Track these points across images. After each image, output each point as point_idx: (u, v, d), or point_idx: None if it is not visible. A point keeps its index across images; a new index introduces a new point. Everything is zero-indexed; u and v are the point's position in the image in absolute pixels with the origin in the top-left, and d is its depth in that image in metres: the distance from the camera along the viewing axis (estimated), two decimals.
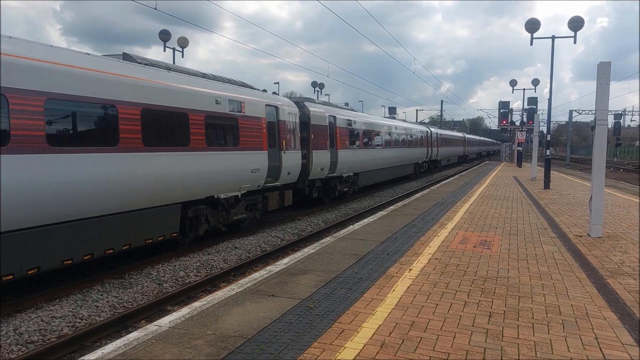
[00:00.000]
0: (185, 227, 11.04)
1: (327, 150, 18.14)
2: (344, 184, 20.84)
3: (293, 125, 15.61)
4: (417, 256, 8.03)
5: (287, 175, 15.04)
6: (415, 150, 33.62)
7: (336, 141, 19.11)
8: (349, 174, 20.82)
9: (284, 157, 14.70)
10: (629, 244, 9.12)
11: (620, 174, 40.87)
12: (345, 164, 19.97)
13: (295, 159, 15.53)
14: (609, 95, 9.70)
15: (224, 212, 12.23)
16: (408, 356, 4.27)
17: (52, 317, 7.26)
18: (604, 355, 4.33)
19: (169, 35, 25.41)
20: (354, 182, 21.89)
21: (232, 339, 4.62)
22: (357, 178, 22.06)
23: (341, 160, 19.38)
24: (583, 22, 20.40)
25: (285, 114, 15.04)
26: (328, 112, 18.94)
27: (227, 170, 11.87)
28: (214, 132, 11.62)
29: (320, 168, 17.56)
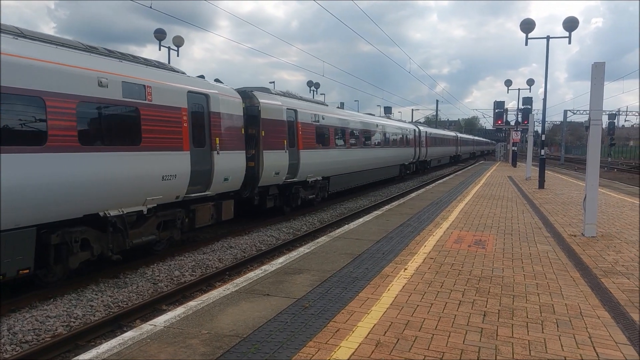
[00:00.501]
0: (49, 258, 8.12)
1: (284, 150, 15.18)
2: (310, 190, 17.78)
3: (233, 119, 12.59)
4: (412, 255, 8.05)
5: (224, 182, 12.06)
6: (400, 150, 30.77)
7: (298, 140, 16.17)
8: (316, 178, 17.82)
9: (218, 159, 11.67)
10: (623, 244, 9.17)
11: (614, 173, 41.11)
12: (310, 167, 17.12)
13: (236, 162, 12.55)
14: (604, 95, 9.75)
15: (118, 235, 9.17)
16: (403, 355, 4.29)
17: (46, 316, 7.24)
18: (597, 354, 4.36)
19: (164, 34, 25.33)
20: (324, 187, 19.01)
21: (228, 338, 4.62)
22: (327, 183, 19.25)
23: (304, 162, 16.52)
24: (578, 23, 20.48)
25: (220, 104, 11.97)
26: (287, 105, 15.92)
27: (119, 178, 8.83)
28: (94, 125, 8.67)
29: (275, 172, 14.70)
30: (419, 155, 36.10)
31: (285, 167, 15.35)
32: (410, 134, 33.61)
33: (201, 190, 11.34)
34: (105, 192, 8.64)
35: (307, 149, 16.83)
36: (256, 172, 13.96)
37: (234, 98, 12.93)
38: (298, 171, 16.21)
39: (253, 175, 13.86)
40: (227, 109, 12.34)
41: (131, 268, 9.84)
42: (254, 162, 13.90)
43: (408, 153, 32.82)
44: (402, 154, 31.21)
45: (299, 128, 16.40)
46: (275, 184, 15.18)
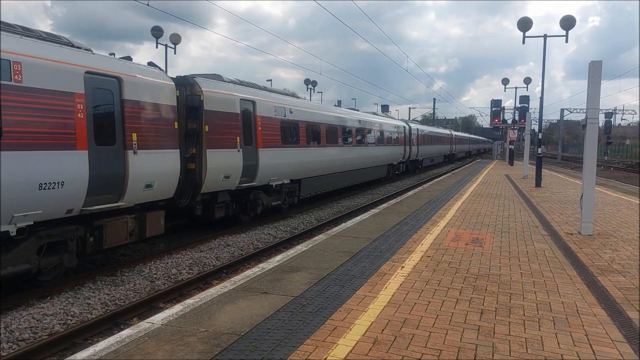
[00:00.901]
0: None
1: (237, 149, 12.68)
2: (275, 195, 15.36)
3: (162, 110, 10.21)
4: (410, 254, 8.06)
5: (146, 190, 9.66)
6: (388, 149, 28.27)
7: (257, 136, 13.70)
8: (282, 181, 15.34)
9: (135, 160, 9.26)
10: (619, 242, 9.20)
11: (611, 172, 41.22)
12: (274, 169, 14.63)
13: (165, 163, 10.12)
14: (600, 94, 9.78)
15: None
16: (400, 353, 4.29)
17: (43, 314, 7.23)
18: (594, 351, 4.38)
19: (161, 31, 25.34)
20: (293, 192, 16.61)
21: (225, 336, 4.62)
22: (298, 187, 16.86)
23: (265, 163, 13.99)
24: (575, 21, 20.53)
25: (140, 91, 9.58)
26: (242, 95, 13.43)
27: None
28: None
29: (224, 175, 12.21)
30: (410, 155, 33.82)
31: (239, 169, 12.77)
32: (400, 131, 31.40)
33: (110, 200, 8.92)
34: None
35: (269, 148, 14.34)
36: (198, 176, 11.43)
37: (163, 83, 10.42)
38: (256, 174, 13.69)
39: (194, 180, 11.43)
40: (152, 97, 9.91)
41: (128, 266, 9.83)
42: (195, 163, 11.39)
43: (397, 152, 30.55)
44: (390, 152, 28.98)
45: (259, 123, 13.85)
46: (226, 189, 12.68)
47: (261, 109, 14.11)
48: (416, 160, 36.73)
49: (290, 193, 16.40)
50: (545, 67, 21.71)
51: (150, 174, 9.71)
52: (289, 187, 16.03)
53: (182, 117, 11.16)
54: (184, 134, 11.26)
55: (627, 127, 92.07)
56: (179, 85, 11.19)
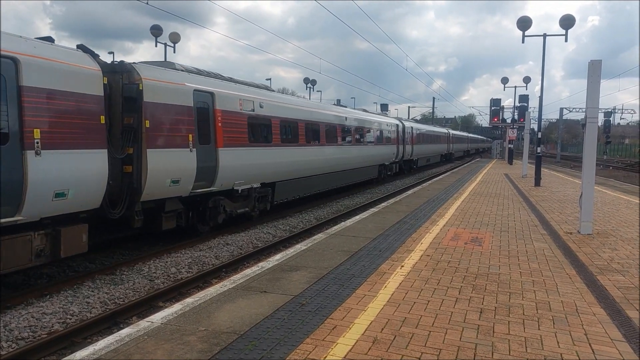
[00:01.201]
0: None
1: (188, 148, 10.82)
2: (242, 201, 13.51)
3: (80, 100, 8.45)
4: (409, 253, 8.06)
5: (57, 200, 7.98)
6: (379, 148, 26.50)
7: (216, 134, 11.87)
8: (251, 185, 13.51)
9: (38, 163, 7.59)
10: (619, 241, 9.21)
11: (610, 171, 41.26)
12: (239, 171, 12.79)
13: (84, 166, 8.44)
14: (600, 93, 9.78)
15: None
16: (400, 352, 4.29)
17: (42, 313, 7.22)
18: (593, 350, 4.38)
19: (161, 30, 25.31)
20: (265, 197, 14.68)
21: (225, 335, 4.62)
22: (271, 191, 15.02)
23: (227, 164, 12.15)
24: (574, 21, 20.54)
25: (46, 76, 7.85)
26: (197, 85, 11.50)
27: None
28: None
29: (172, 179, 10.33)
30: (404, 154, 32.14)
31: (192, 171, 10.93)
32: (392, 129, 29.54)
33: (7, 213, 7.24)
34: None
35: (233, 147, 12.49)
36: (136, 181, 9.62)
37: (84, 68, 8.62)
38: (216, 177, 11.85)
39: (131, 185, 9.63)
40: (67, 85, 8.20)
41: (127, 264, 9.83)
42: (132, 165, 9.64)
43: (389, 151, 28.74)
44: (382, 152, 27.09)
45: (219, 118, 11.97)
46: (176, 195, 10.81)
47: (222, 102, 12.23)
48: (411, 160, 35.02)
49: (262, 198, 14.54)
50: (545, 67, 21.73)
51: (62, 180, 8.01)
52: (259, 191, 14.20)
53: (117, 110, 9.57)
54: (119, 130, 9.56)
55: (626, 127, 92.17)
56: (113, 73, 9.55)
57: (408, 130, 33.45)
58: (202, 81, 11.98)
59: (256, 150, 13.71)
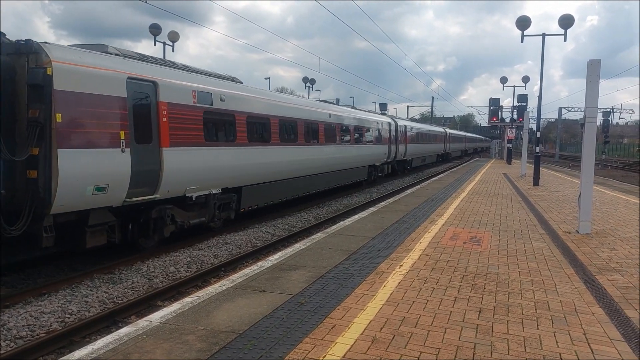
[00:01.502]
0: None
1: (119, 148, 8.99)
2: (197, 209, 11.54)
3: None
4: (408, 252, 8.06)
5: None
6: (368, 148, 24.63)
7: (160, 131, 9.99)
8: (209, 191, 11.61)
9: None
10: (617, 241, 9.21)
11: (609, 171, 41.28)
12: (192, 175, 10.90)
13: None
14: (599, 93, 9.78)
15: None
16: (399, 351, 4.29)
17: (40, 312, 7.21)
18: (592, 350, 4.38)
19: (159, 29, 25.25)
20: (228, 204, 12.81)
21: (224, 335, 4.62)
22: (237, 197, 13.16)
23: (175, 167, 10.31)
24: (573, 20, 20.55)
25: None
26: (133, 71, 9.61)
27: None
28: None
29: (97, 186, 8.57)
30: (396, 154, 30.22)
31: (124, 176, 9.10)
32: (384, 128, 27.54)
33: None
34: None
35: (183, 147, 10.58)
36: (42, 189, 7.84)
37: None
38: (160, 182, 9.94)
39: (36, 195, 7.85)
40: None
41: (126, 264, 9.81)
42: (37, 170, 7.85)
43: (380, 152, 26.75)
44: (371, 152, 25.05)
45: (164, 112, 10.10)
46: (104, 206, 9.04)
47: (169, 94, 10.28)
48: (404, 161, 33.14)
49: (225, 206, 12.72)
50: (544, 66, 21.71)
51: None
52: (220, 198, 12.30)
53: (23, 100, 7.90)
54: (24, 125, 7.86)
55: (625, 126, 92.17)
56: (18, 54, 7.96)
57: (401, 129, 31.70)
58: (142, 68, 10.01)
59: (215, 151, 11.77)
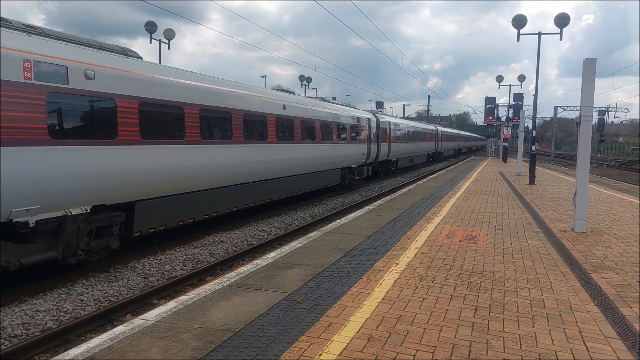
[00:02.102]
0: None
1: None
2: (43, 241, 8.01)
3: None
4: (404, 250, 8.07)
5: None
6: (341, 147, 21.13)
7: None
8: (64, 212, 8.12)
9: None
10: (612, 239, 9.25)
11: (604, 170, 41.46)
12: (20, 188, 7.36)
13: None
14: (594, 91, 9.80)
15: None
16: (395, 349, 4.30)
17: (35, 310, 7.18)
18: (587, 348, 4.40)
19: (155, 26, 25.17)
20: (110, 227, 9.25)
21: (220, 333, 4.61)
22: (130, 216, 9.71)
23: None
24: (569, 19, 20.60)
25: None
26: None
27: None
28: None
29: None
30: (378, 154, 26.85)
31: None
32: (363, 124, 24.22)
33: None
34: None
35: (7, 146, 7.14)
36: None
37: None
38: None
39: None
40: None
41: (121, 262, 9.79)
42: None
43: (356, 151, 23.19)
44: (344, 152, 21.63)
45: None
46: None
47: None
48: (388, 161, 29.82)
49: (103, 230, 9.17)
50: (540, 65, 21.77)
51: None
52: (93, 220, 8.86)
53: None
54: None
55: (620, 125, 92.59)
56: None
57: (384, 126, 28.17)
58: None
59: (74, 151, 8.27)
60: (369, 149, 25.02)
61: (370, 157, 25.45)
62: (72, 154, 8.28)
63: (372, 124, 25.97)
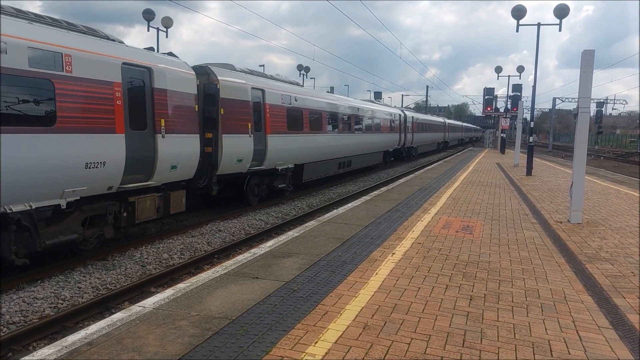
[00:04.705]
0: None
1: None
2: None
3: None
4: (401, 240, 8.11)
5: None
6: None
7: None
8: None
9: None
10: (608, 230, 9.30)
11: (601, 161, 41.52)
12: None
13: None
14: (592, 83, 9.81)
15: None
16: (390, 337, 4.34)
17: (33, 298, 7.22)
18: (580, 337, 4.45)
19: (153, 14, 25.02)
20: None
21: (216, 320, 4.64)
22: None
23: None
24: (568, 10, 20.56)
25: None
26: None
27: None
28: None
29: None
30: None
31: None
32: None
33: None
34: None
35: None
36: None
37: None
38: None
39: None
40: None
41: (119, 250, 9.82)
42: None
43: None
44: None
45: None
46: None
47: None
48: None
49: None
50: (539, 56, 21.74)
51: None
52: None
53: None
54: None
55: (618, 117, 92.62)
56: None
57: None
58: None
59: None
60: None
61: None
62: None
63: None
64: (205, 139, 12.15)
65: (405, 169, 29.87)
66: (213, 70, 12.42)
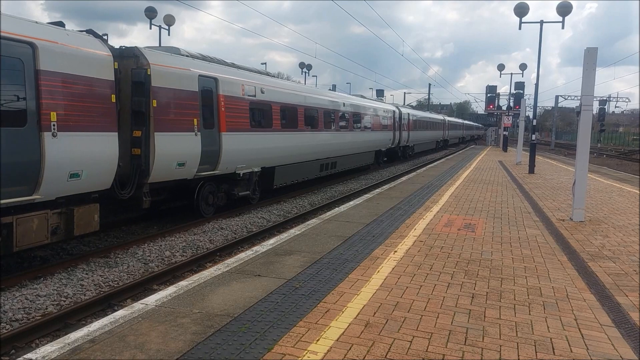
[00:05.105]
0: None
1: None
2: None
3: None
4: (402, 238, 8.11)
5: None
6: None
7: None
8: None
9: None
10: (610, 228, 9.28)
11: (603, 159, 41.44)
12: None
13: None
14: (595, 81, 9.78)
15: None
16: (392, 335, 4.34)
17: (36, 295, 7.23)
18: (582, 335, 4.44)
19: (155, 12, 24.99)
20: None
21: (219, 318, 4.65)
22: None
23: None
24: (571, 8, 20.45)
25: None
26: None
27: None
28: None
29: None
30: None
31: None
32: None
33: None
34: None
35: None
36: None
37: None
38: None
39: None
40: None
41: (122, 248, 9.83)
42: None
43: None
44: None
45: None
46: None
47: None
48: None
49: None
50: (541, 54, 21.67)
51: None
52: None
53: None
54: None
55: (621, 115, 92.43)
56: None
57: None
58: None
59: None
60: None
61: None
62: None
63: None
64: (133, 138, 9.96)
65: (407, 167, 29.85)
66: (143, 52, 10.05)
